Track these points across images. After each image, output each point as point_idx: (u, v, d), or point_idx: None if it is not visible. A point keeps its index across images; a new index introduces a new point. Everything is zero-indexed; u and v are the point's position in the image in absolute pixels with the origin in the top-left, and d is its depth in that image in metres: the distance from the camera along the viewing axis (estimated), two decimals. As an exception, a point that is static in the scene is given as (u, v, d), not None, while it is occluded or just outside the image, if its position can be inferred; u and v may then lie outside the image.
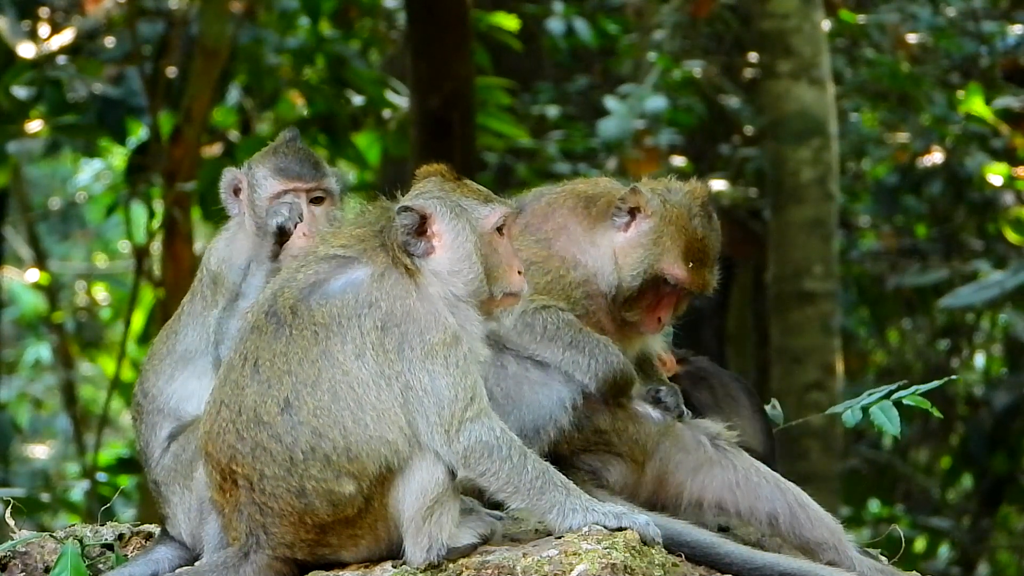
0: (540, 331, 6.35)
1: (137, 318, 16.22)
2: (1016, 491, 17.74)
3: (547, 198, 6.66)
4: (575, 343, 6.38)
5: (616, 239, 6.53)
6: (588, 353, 6.38)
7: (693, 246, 6.51)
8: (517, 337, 6.35)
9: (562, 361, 6.37)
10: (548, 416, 6.34)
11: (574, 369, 6.37)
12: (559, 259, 6.51)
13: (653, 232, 6.50)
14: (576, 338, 6.38)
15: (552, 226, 6.56)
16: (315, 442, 5.71)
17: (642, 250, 6.49)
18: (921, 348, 17.92)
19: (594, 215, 6.57)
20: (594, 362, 6.38)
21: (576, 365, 6.38)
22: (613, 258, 6.50)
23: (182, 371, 6.53)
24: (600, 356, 6.38)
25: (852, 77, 16.30)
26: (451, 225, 5.89)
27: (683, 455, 6.51)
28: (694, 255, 6.50)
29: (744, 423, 6.96)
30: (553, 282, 6.45)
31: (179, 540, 6.45)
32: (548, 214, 6.58)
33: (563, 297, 6.46)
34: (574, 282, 6.49)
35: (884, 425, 6.69)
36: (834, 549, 6.43)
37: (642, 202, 6.51)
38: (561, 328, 6.37)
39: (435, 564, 5.77)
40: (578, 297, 6.49)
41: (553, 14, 16.22)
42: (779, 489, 6.49)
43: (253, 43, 14.65)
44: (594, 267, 6.50)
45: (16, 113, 14.52)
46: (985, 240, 16.95)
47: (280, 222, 6.43)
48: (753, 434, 6.98)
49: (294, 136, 6.74)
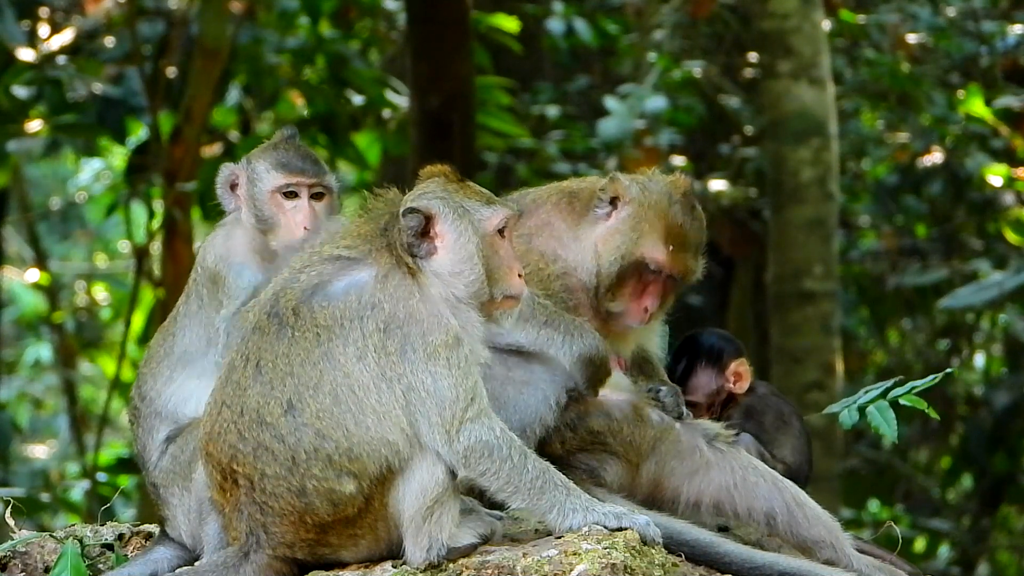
0: (515, 314, 6.34)
1: (137, 318, 16.22)
2: (1016, 491, 17.73)
3: (532, 195, 6.69)
4: (549, 322, 6.38)
5: (598, 229, 6.54)
6: (563, 330, 6.38)
7: (672, 231, 6.51)
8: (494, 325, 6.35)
9: (537, 339, 6.37)
10: (534, 415, 6.34)
11: (549, 346, 6.36)
12: (537, 253, 6.52)
13: (632, 218, 6.52)
14: (551, 318, 6.39)
15: (535, 222, 6.57)
16: (318, 443, 5.71)
17: (620, 236, 6.51)
18: (921, 348, 17.91)
19: (578, 210, 6.59)
20: (569, 338, 6.37)
21: (551, 342, 6.37)
22: (595, 249, 6.51)
23: (180, 373, 6.52)
24: (576, 333, 6.37)
25: (852, 77, 16.29)
26: (454, 226, 5.89)
27: (678, 460, 6.51)
28: (674, 239, 6.51)
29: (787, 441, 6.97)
30: (531, 275, 6.43)
31: (179, 541, 6.45)
32: (532, 211, 6.60)
33: (541, 288, 6.46)
34: (552, 275, 6.50)
35: (881, 428, 6.67)
36: (831, 547, 6.43)
37: (620, 190, 6.53)
38: (536, 309, 6.37)
39: (435, 564, 5.77)
40: (556, 289, 6.49)
41: (553, 14, 16.21)
42: (776, 488, 6.49)
43: (253, 43, 14.65)
44: (574, 261, 6.52)
45: (16, 113, 14.51)
46: (985, 240, 16.94)
47: None
48: (794, 453, 6.99)
49: (293, 133, 6.74)
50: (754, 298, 17.17)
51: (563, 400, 6.38)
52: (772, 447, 6.95)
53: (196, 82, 13.76)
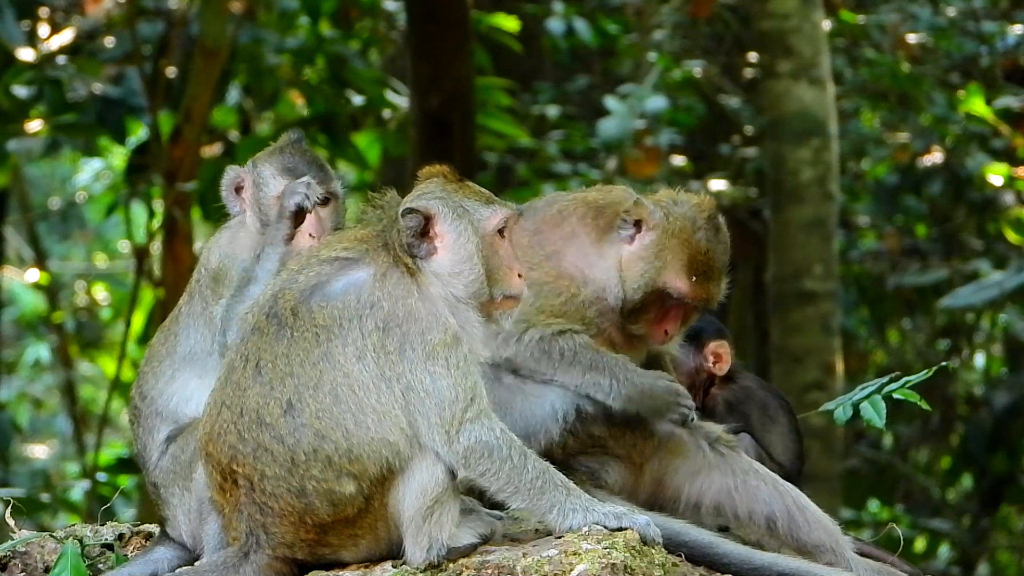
0: (558, 357, 6.33)
1: (137, 318, 16.21)
2: (1016, 491, 17.74)
3: (558, 205, 6.62)
4: (595, 365, 6.36)
5: (622, 251, 6.50)
6: (609, 374, 6.36)
7: (696, 259, 6.46)
8: (535, 364, 6.34)
9: (582, 384, 6.35)
10: (539, 425, 6.34)
11: (596, 391, 6.35)
12: (568, 278, 6.46)
13: (655, 245, 6.46)
14: (595, 360, 6.36)
15: (561, 235, 6.52)
16: (317, 444, 5.71)
17: (644, 263, 6.46)
18: (921, 348, 17.91)
19: (602, 226, 6.52)
20: (616, 382, 6.35)
21: (599, 387, 6.35)
22: (619, 270, 6.47)
23: (182, 372, 6.51)
24: (621, 375, 6.35)
25: (852, 77, 16.30)
26: (453, 226, 5.89)
27: (681, 460, 6.51)
28: (698, 268, 6.46)
29: (775, 439, 6.97)
30: (567, 303, 6.41)
31: (179, 541, 6.45)
32: (559, 222, 6.55)
33: (578, 318, 6.42)
34: (587, 300, 6.45)
35: (872, 419, 6.67)
36: (832, 551, 6.43)
37: (645, 215, 6.47)
38: (579, 352, 6.34)
39: (435, 564, 5.77)
40: (592, 316, 6.45)
41: (553, 14, 16.22)
42: (777, 492, 6.49)
43: (253, 43, 14.64)
44: (603, 281, 6.46)
45: (16, 113, 14.50)
46: (985, 240, 16.95)
47: (298, 201, 6.39)
48: (783, 451, 6.99)
49: (299, 137, 6.72)
50: (754, 298, 17.17)
51: (571, 416, 6.37)
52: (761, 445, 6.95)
53: (196, 82, 13.75)
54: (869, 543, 6.95)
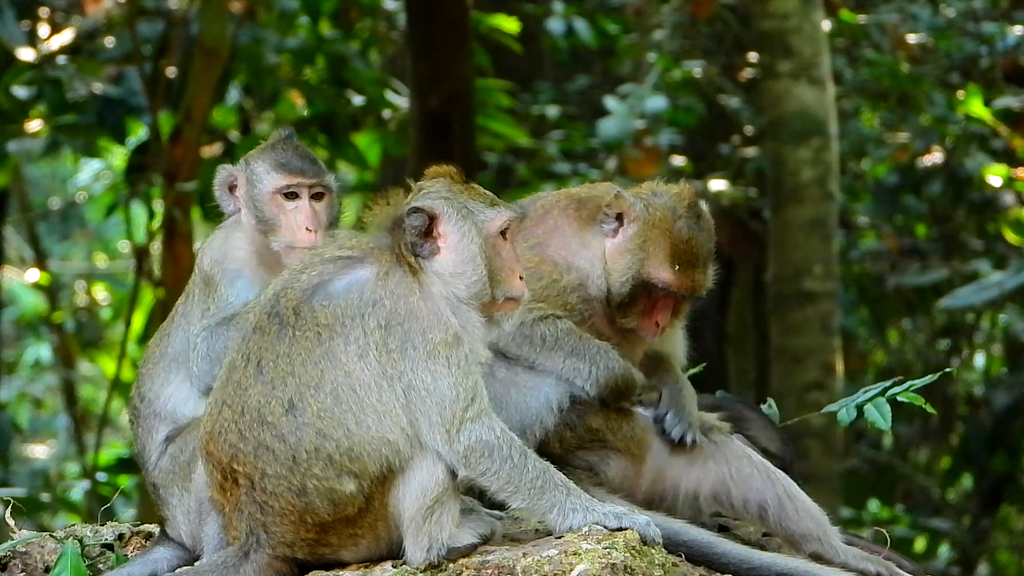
0: (539, 342, 6.36)
1: (137, 318, 16.21)
2: (1016, 491, 17.74)
3: (542, 201, 6.68)
4: (575, 351, 6.39)
5: (606, 245, 6.53)
6: (589, 360, 6.39)
7: (679, 248, 6.49)
8: (516, 348, 6.37)
9: (563, 369, 6.38)
10: (535, 417, 6.36)
11: (575, 376, 6.38)
12: (551, 263, 6.50)
13: (638, 237, 6.50)
14: (576, 345, 6.39)
15: (545, 228, 6.57)
16: (319, 443, 5.72)
17: (628, 256, 6.49)
18: (921, 348, 17.91)
19: (584, 217, 6.57)
20: (595, 368, 6.38)
21: (577, 372, 6.39)
22: (603, 261, 6.50)
23: (177, 373, 6.51)
24: (601, 362, 6.38)
25: (852, 77, 16.30)
26: (457, 227, 5.91)
27: (679, 451, 6.52)
28: (681, 257, 6.49)
29: (756, 435, 6.98)
30: (548, 287, 6.45)
31: (179, 541, 6.45)
32: (542, 216, 6.60)
33: (560, 304, 6.46)
34: (569, 286, 6.48)
35: (876, 421, 6.69)
36: (818, 540, 6.47)
37: (625, 207, 6.51)
38: (560, 337, 6.38)
39: (435, 564, 5.77)
40: (574, 302, 6.48)
41: (553, 14, 16.22)
42: (769, 480, 6.53)
43: (253, 43, 14.64)
44: (586, 269, 6.50)
45: (16, 113, 14.51)
46: (985, 240, 16.95)
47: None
48: (769, 441, 7.01)
49: (290, 133, 6.73)
50: (754, 298, 17.18)
51: (565, 405, 6.39)
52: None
53: (196, 82, 13.75)
54: (863, 538, 6.96)
